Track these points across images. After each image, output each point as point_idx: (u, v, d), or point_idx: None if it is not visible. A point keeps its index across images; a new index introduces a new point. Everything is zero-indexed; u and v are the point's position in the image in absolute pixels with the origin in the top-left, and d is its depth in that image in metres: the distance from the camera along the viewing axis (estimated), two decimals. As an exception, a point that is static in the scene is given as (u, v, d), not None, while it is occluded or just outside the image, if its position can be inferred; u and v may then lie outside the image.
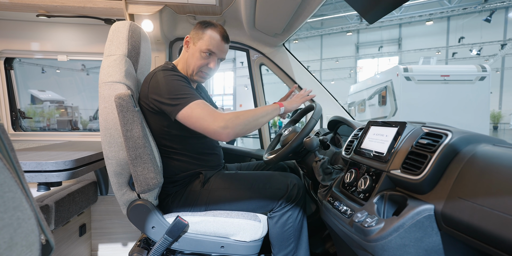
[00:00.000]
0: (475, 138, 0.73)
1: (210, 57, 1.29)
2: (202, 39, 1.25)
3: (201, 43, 1.25)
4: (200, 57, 1.27)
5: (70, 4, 1.53)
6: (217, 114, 1.08)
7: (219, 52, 1.29)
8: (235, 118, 1.09)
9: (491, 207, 0.55)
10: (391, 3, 1.12)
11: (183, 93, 1.11)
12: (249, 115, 1.13)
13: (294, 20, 1.56)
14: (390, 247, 0.71)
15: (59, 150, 1.41)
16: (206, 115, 1.07)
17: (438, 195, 0.68)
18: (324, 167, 1.17)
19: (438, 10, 19.35)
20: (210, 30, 1.26)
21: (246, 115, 1.12)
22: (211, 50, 1.26)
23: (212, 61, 1.29)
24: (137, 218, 1.16)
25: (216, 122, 1.06)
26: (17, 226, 0.38)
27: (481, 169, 0.62)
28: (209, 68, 1.30)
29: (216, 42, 1.26)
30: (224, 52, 1.31)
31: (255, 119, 1.15)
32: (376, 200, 0.82)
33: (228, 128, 1.06)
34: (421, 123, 0.91)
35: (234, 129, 1.07)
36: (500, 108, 19.85)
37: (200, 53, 1.26)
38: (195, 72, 1.30)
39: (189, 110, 1.09)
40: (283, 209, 1.20)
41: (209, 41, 1.25)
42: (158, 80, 1.16)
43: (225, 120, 1.07)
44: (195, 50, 1.27)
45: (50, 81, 14.10)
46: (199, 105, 1.09)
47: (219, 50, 1.28)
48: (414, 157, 0.78)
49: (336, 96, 2.08)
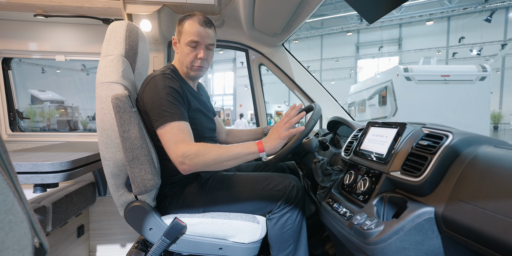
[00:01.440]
0: (476, 140, 0.72)
1: (197, 48, 1.24)
2: (183, 33, 1.23)
3: (184, 37, 1.23)
4: (187, 51, 1.24)
5: (68, 4, 1.52)
6: (181, 146, 1.04)
7: (202, 39, 1.23)
8: (195, 156, 1.02)
9: (493, 211, 0.54)
10: (390, 2, 1.11)
11: (166, 110, 1.09)
12: (215, 156, 1.04)
13: (293, 20, 1.55)
14: (390, 250, 0.70)
15: (56, 151, 1.40)
16: (172, 143, 1.05)
17: (438, 197, 0.67)
18: (323, 168, 1.16)
19: (438, 10, 19.33)
20: (187, 22, 1.23)
21: (211, 154, 1.04)
22: (193, 40, 1.22)
23: (200, 51, 1.24)
24: (135, 219, 1.15)
25: (176, 154, 1.03)
26: (8, 230, 0.37)
27: (483, 172, 0.61)
28: (200, 59, 1.26)
29: (195, 29, 1.21)
30: (208, 37, 1.24)
31: (220, 161, 1.05)
32: (375, 202, 0.81)
33: (184, 164, 1.02)
34: (422, 124, 0.90)
35: (191, 166, 1.03)
36: (501, 108, 19.82)
37: (186, 48, 1.24)
38: (189, 69, 1.27)
39: (163, 131, 1.07)
40: (282, 210, 1.19)
41: (188, 32, 1.21)
42: (152, 87, 1.14)
43: (184, 156, 1.02)
44: (181, 46, 1.25)
45: (50, 81, 14.09)
46: (172, 129, 1.07)
47: (201, 36, 1.22)
48: (414, 159, 0.77)
49: (336, 96, 2.07)
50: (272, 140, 1.08)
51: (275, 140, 1.07)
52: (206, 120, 1.34)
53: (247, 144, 1.10)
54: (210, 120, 1.38)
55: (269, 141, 1.09)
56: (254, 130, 1.70)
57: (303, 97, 2.01)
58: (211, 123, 1.39)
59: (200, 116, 1.29)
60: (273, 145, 1.07)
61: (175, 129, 1.07)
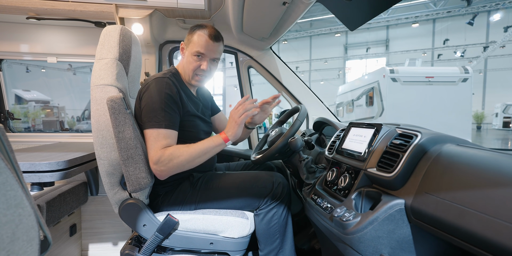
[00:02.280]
0: (442, 139, 0.80)
1: (201, 59, 1.29)
2: (191, 42, 1.28)
3: (191, 47, 1.28)
4: (192, 61, 1.29)
5: (60, 7, 1.55)
6: (157, 152, 1.12)
7: (208, 52, 1.28)
8: (168, 160, 1.12)
9: (451, 200, 0.62)
10: (370, 11, 1.20)
11: (156, 116, 1.16)
12: (186, 156, 1.14)
13: (280, 25, 1.62)
14: (366, 239, 0.78)
15: (50, 151, 1.43)
16: (151, 148, 1.14)
17: (408, 190, 0.75)
18: (308, 166, 1.23)
19: (424, 12, 19.80)
20: (198, 32, 1.27)
21: (183, 156, 1.14)
22: (200, 52, 1.27)
23: (204, 62, 1.29)
24: (129, 216, 1.19)
25: (153, 158, 1.12)
26: (18, 222, 0.42)
27: (444, 167, 0.69)
28: (202, 70, 1.31)
29: (204, 42, 1.26)
30: (214, 51, 1.29)
31: (192, 160, 1.16)
32: (354, 196, 0.89)
33: (160, 170, 1.13)
34: (396, 125, 0.98)
35: (166, 172, 1.14)
36: (483, 109, 20.43)
37: (191, 57, 1.28)
38: (190, 77, 1.32)
39: (148, 134, 1.16)
40: (268, 206, 1.25)
41: (197, 43, 1.26)
42: (151, 89, 1.20)
43: (159, 162, 1.12)
44: (187, 54, 1.30)
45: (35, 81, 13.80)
46: (157, 135, 1.15)
47: (208, 50, 1.27)
48: (388, 156, 0.84)
49: (325, 96, 2.15)
50: (232, 128, 1.20)
51: (234, 127, 1.19)
52: (203, 123, 1.40)
53: (213, 137, 1.22)
54: (206, 123, 1.44)
55: (230, 130, 1.20)
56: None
57: (290, 98, 2.09)
58: (208, 126, 1.45)
59: (196, 120, 1.35)
60: (234, 132, 1.19)
61: (160, 136, 1.15)
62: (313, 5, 1.34)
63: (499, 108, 17.97)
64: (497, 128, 18.12)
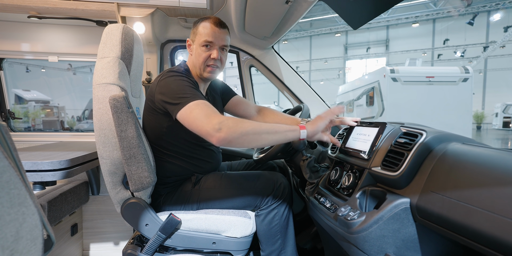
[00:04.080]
0: (447, 137, 0.80)
1: (211, 48, 1.26)
2: (197, 34, 1.26)
3: (198, 38, 1.26)
4: (201, 52, 1.26)
5: (62, 6, 1.54)
6: (215, 116, 1.02)
7: (216, 40, 1.24)
8: (233, 123, 0.99)
9: (458, 199, 0.61)
10: (373, 10, 1.19)
11: (185, 93, 1.10)
12: (253, 126, 1.02)
13: (282, 24, 1.62)
14: (371, 238, 0.77)
15: (51, 151, 1.43)
16: (203, 115, 1.03)
17: (413, 189, 0.75)
18: (310, 165, 1.23)
19: (424, 12, 19.81)
20: (202, 23, 1.26)
21: (250, 125, 1.02)
22: (208, 40, 1.23)
23: (214, 51, 1.25)
24: (131, 216, 1.19)
25: (211, 123, 0.99)
26: (22, 221, 0.42)
27: (450, 165, 0.69)
28: (213, 59, 1.26)
29: (210, 30, 1.23)
30: (222, 39, 1.26)
31: (258, 133, 1.01)
32: (358, 195, 0.89)
33: (221, 131, 0.97)
34: (400, 124, 0.98)
35: (227, 134, 0.98)
36: (483, 109, 20.44)
37: (200, 48, 1.26)
38: (202, 69, 1.29)
39: (188, 110, 1.06)
40: (270, 207, 1.25)
41: (203, 32, 1.24)
42: (166, 80, 1.17)
43: (221, 123, 0.98)
44: (196, 48, 1.28)
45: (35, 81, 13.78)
46: (198, 106, 1.05)
47: (215, 37, 1.24)
48: (393, 155, 0.84)
49: (325, 96, 2.15)
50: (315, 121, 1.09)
51: (316, 121, 1.08)
52: None
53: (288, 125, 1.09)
54: None
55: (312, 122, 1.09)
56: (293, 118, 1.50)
57: (292, 97, 2.08)
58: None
59: None
60: (314, 126, 1.07)
61: (202, 105, 1.06)
62: (314, 5, 1.33)
63: (499, 108, 17.97)
64: (497, 128, 18.12)
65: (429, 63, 21.33)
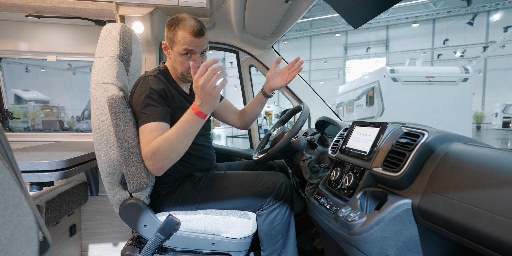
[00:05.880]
0: (449, 137, 0.79)
1: (191, 56, 1.24)
2: (176, 42, 1.22)
3: (177, 47, 1.22)
4: (182, 60, 1.24)
5: (60, 5, 1.53)
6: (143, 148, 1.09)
7: (197, 48, 1.23)
8: (152, 155, 1.06)
9: (460, 200, 0.60)
10: (374, 9, 1.18)
11: (142, 112, 1.12)
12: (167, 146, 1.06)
13: (282, 23, 1.61)
14: (372, 239, 0.76)
15: (49, 151, 1.42)
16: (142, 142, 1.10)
17: (415, 190, 0.74)
18: (311, 165, 1.22)
19: (423, 12, 19.81)
20: (179, 30, 1.20)
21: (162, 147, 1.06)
22: (188, 49, 1.21)
23: (195, 59, 1.25)
24: (129, 217, 1.18)
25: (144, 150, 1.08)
26: (17, 223, 0.41)
27: (453, 166, 0.67)
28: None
29: (189, 40, 1.20)
30: (202, 46, 1.24)
31: (174, 148, 1.07)
32: (359, 196, 0.87)
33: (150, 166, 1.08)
34: (401, 124, 0.97)
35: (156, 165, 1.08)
36: (483, 109, 20.45)
37: (180, 56, 1.23)
38: (185, 75, 1.29)
39: (141, 129, 1.12)
40: (271, 207, 1.24)
41: (182, 42, 1.20)
42: (138, 88, 1.17)
43: (146, 158, 1.08)
44: (174, 55, 1.25)
45: (35, 81, 13.78)
46: (143, 132, 1.10)
47: (196, 46, 1.22)
48: (394, 155, 0.83)
49: (325, 96, 2.14)
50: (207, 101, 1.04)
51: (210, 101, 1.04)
52: None
53: (185, 117, 1.08)
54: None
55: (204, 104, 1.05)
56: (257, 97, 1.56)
57: (292, 97, 2.07)
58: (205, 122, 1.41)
59: None
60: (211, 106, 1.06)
61: (146, 131, 1.10)
62: (314, 5, 1.32)
63: (499, 108, 17.98)
64: (497, 128, 18.13)
65: (429, 63, 21.34)
